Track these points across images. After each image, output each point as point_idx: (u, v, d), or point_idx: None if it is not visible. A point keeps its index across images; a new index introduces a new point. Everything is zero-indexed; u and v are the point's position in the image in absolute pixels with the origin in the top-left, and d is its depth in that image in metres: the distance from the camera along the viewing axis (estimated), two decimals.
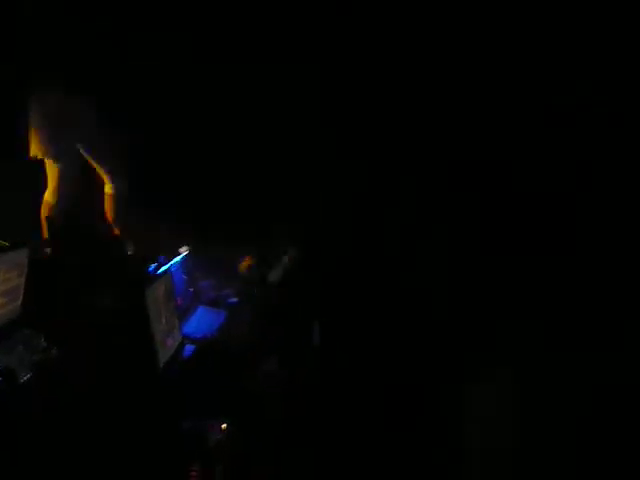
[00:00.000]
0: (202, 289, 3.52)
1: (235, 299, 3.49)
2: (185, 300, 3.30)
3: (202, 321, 3.25)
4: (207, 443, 2.35)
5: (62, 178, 3.04)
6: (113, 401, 2.33)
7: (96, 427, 2.21)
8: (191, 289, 3.45)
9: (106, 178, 3.26)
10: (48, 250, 2.72)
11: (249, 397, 2.64)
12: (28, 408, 2.13)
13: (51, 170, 3.04)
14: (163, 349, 2.71)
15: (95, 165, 3.23)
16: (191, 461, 2.25)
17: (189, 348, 2.96)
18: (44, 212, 3.05)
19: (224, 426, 2.40)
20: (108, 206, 3.26)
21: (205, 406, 2.53)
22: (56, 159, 3.00)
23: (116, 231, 3.23)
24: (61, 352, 2.44)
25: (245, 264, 3.30)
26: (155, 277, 2.84)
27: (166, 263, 3.08)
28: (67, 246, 2.73)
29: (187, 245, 3.45)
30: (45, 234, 2.91)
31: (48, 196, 3.08)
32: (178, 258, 3.32)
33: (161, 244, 3.22)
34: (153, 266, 2.95)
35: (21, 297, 2.47)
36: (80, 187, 3.16)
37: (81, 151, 3.14)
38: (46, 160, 3.00)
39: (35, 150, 2.91)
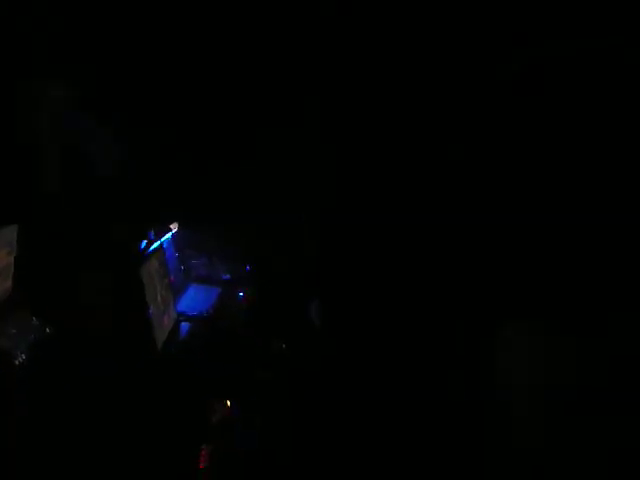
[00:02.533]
0: (194, 266, 3.42)
1: (228, 276, 3.41)
2: (177, 278, 3.21)
3: (196, 298, 3.17)
4: (211, 421, 2.30)
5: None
6: (112, 382, 2.26)
7: (95, 409, 2.15)
8: (182, 266, 3.36)
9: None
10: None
11: (253, 377, 2.58)
12: (25, 390, 2.06)
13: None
14: (161, 328, 2.65)
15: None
16: (197, 440, 2.19)
17: (184, 326, 2.88)
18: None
19: (228, 403, 2.35)
20: None
21: (207, 385, 2.47)
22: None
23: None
24: (55, 332, 2.36)
25: None
26: (148, 254, 2.74)
27: (157, 239, 2.98)
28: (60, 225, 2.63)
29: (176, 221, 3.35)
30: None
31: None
32: (168, 234, 3.22)
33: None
34: (143, 243, 2.85)
35: (11, 277, 2.37)
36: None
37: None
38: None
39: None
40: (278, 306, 3.09)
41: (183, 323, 2.90)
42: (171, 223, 3.30)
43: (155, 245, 2.90)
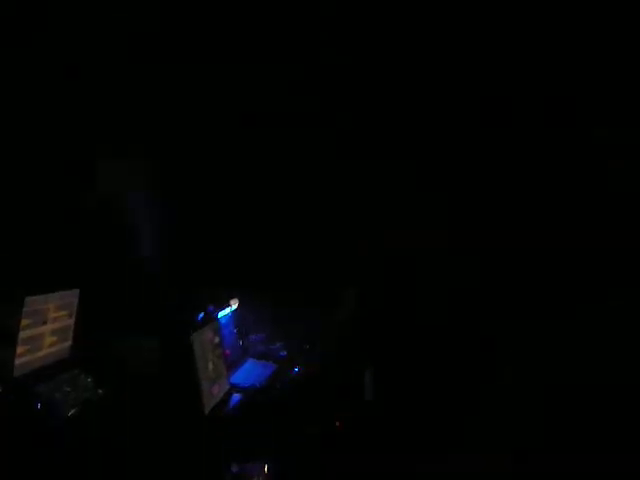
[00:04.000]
0: (252, 342, 3.49)
1: (285, 352, 3.44)
2: (234, 352, 3.28)
3: (251, 372, 3.21)
4: None
5: None
6: (158, 445, 2.31)
7: (141, 471, 2.18)
8: (241, 342, 3.43)
9: None
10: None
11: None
12: (73, 444, 2.13)
13: None
14: (209, 396, 2.68)
15: None
16: None
17: (236, 397, 2.91)
18: None
19: (266, 468, 2.32)
20: None
21: (252, 451, 2.46)
22: None
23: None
24: (107, 393, 2.45)
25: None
26: (203, 323, 2.84)
27: (215, 313, 3.09)
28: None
29: (237, 298, 3.46)
30: None
31: None
32: (228, 310, 3.33)
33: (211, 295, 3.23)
34: (201, 314, 2.96)
35: (71, 338, 2.52)
36: None
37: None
38: None
39: None
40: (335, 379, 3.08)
41: (235, 394, 2.92)
42: (232, 299, 3.42)
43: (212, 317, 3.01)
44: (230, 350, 3.19)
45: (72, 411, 2.20)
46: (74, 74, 2.90)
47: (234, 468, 2.35)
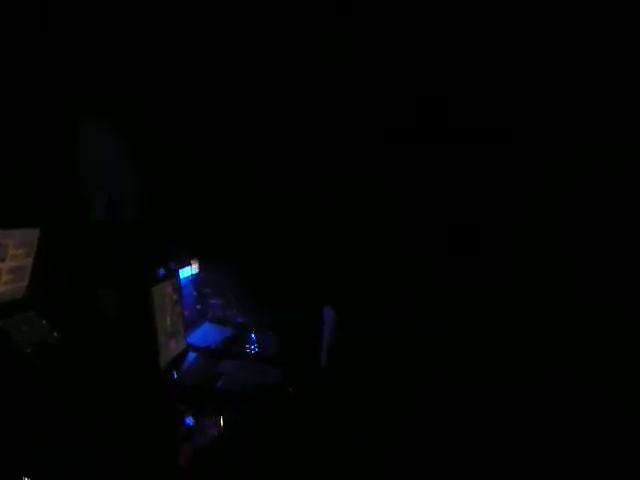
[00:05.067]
0: (210, 307, 3.46)
1: (242, 319, 3.43)
2: (192, 314, 3.25)
3: (208, 334, 3.19)
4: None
5: None
6: (111, 393, 2.27)
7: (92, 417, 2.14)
8: (199, 305, 3.40)
9: None
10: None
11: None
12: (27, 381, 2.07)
13: None
14: (165, 350, 2.66)
15: None
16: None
17: (192, 355, 2.89)
18: None
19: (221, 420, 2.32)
20: None
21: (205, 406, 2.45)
22: None
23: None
24: (63, 338, 2.40)
25: None
26: (162, 277, 2.81)
27: (175, 270, 3.06)
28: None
29: (198, 260, 3.43)
30: None
31: None
32: (188, 270, 3.29)
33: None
34: (162, 271, 2.92)
35: (27, 278, 2.45)
36: None
37: None
38: None
39: None
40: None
41: (190, 353, 2.90)
42: (192, 260, 3.39)
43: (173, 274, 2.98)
44: (188, 311, 3.16)
45: (28, 350, 2.13)
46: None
47: (189, 420, 2.34)
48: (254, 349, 3.11)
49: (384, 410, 2.79)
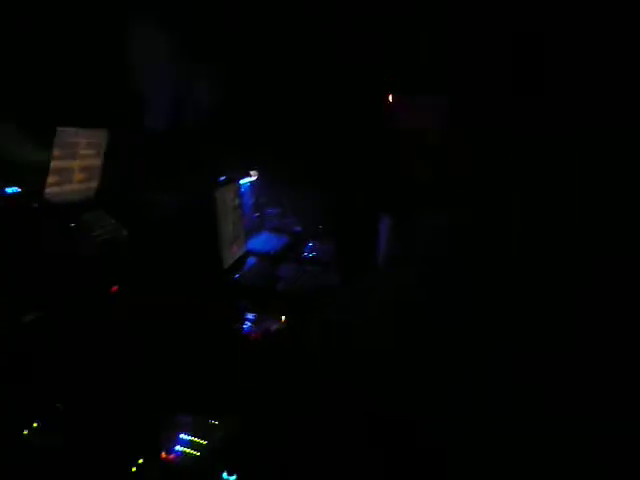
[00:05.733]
0: (268, 216, 3.53)
1: (299, 228, 3.49)
2: (251, 222, 3.32)
3: (266, 242, 3.27)
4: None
5: None
6: (176, 287, 2.35)
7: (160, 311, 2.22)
8: (257, 214, 3.47)
9: None
10: None
11: None
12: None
13: None
14: (229, 252, 2.74)
15: None
16: None
17: (251, 260, 2.97)
18: None
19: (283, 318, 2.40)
20: None
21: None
22: None
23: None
24: (130, 235, 2.50)
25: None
26: (224, 183, 2.87)
27: (236, 177, 3.11)
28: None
29: (256, 170, 3.48)
30: None
31: None
32: (247, 180, 3.35)
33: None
34: (223, 177, 2.98)
35: (97, 178, 2.54)
36: None
37: None
38: None
39: None
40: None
41: (250, 259, 2.98)
42: (251, 171, 3.44)
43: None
44: (247, 220, 3.23)
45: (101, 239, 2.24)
46: None
47: (251, 315, 2.43)
48: (311, 256, 3.17)
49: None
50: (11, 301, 1.65)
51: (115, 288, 1.43)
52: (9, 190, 2.03)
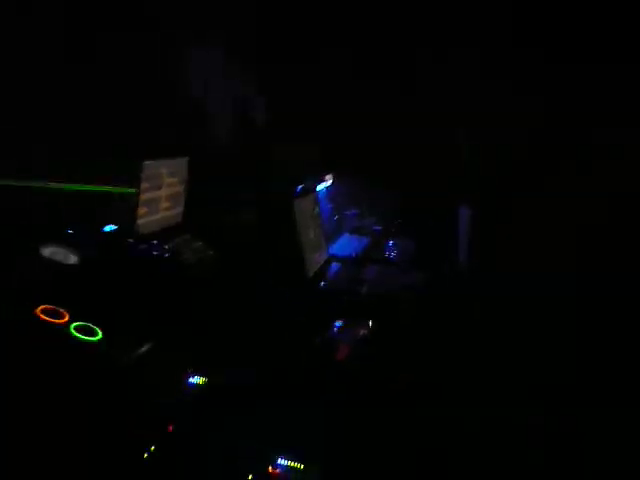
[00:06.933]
0: (346, 218, 3.59)
1: (378, 227, 3.53)
2: (330, 226, 3.38)
3: (347, 245, 3.32)
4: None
5: None
6: (266, 297, 2.43)
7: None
8: (336, 217, 3.53)
9: None
10: None
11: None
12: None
13: None
14: (311, 261, 2.81)
15: None
16: None
17: (335, 266, 3.03)
18: None
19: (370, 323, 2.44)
20: None
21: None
22: None
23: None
24: (216, 254, 2.61)
25: None
26: (302, 193, 2.94)
27: (313, 186, 3.18)
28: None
29: (331, 174, 3.54)
30: None
31: None
32: (323, 185, 3.41)
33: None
34: (300, 187, 3.06)
35: (182, 204, 2.68)
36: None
37: None
38: None
39: None
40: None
41: (334, 264, 3.05)
42: (327, 175, 3.50)
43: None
44: (327, 224, 3.30)
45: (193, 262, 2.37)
46: None
47: (337, 323, 2.48)
48: (393, 255, 3.21)
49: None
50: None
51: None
52: (107, 228, 2.18)
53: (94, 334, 1.48)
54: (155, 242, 2.30)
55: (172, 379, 1.66)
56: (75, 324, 1.48)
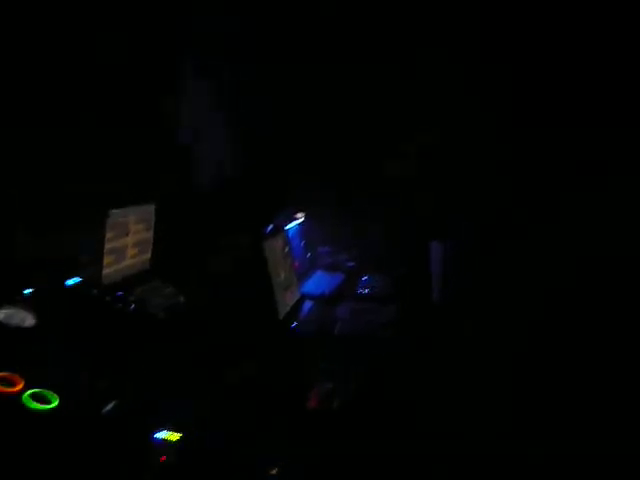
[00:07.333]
0: (319, 255, 3.58)
1: (352, 263, 3.52)
2: (303, 264, 3.37)
3: (320, 282, 3.31)
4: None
5: None
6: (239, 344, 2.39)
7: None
8: (308, 254, 3.52)
9: None
10: None
11: None
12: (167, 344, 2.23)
13: None
14: (283, 302, 2.79)
15: None
16: None
17: (307, 304, 3.01)
18: None
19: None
20: None
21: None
22: None
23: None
24: (187, 300, 2.58)
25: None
26: (272, 234, 2.93)
27: (283, 225, 3.17)
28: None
29: (302, 211, 3.53)
30: None
31: None
32: (294, 223, 3.40)
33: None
34: (270, 227, 3.05)
35: (150, 250, 2.65)
36: None
37: None
38: None
39: None
40: None
41: (306, 302, 3.03)
42: (297, 213, 3.50)
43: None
44: (299, 262, 3.29)
45: (161, 314, 2.33)
46: None
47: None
48: (366, 291, 3.20)
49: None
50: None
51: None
52: (70, 282, 2.15)
53: (50, 401, 1.44)
54: (120, 293, 2.25)
55: (136, 440, 1.61)
56: (30, 391, 1.44)
